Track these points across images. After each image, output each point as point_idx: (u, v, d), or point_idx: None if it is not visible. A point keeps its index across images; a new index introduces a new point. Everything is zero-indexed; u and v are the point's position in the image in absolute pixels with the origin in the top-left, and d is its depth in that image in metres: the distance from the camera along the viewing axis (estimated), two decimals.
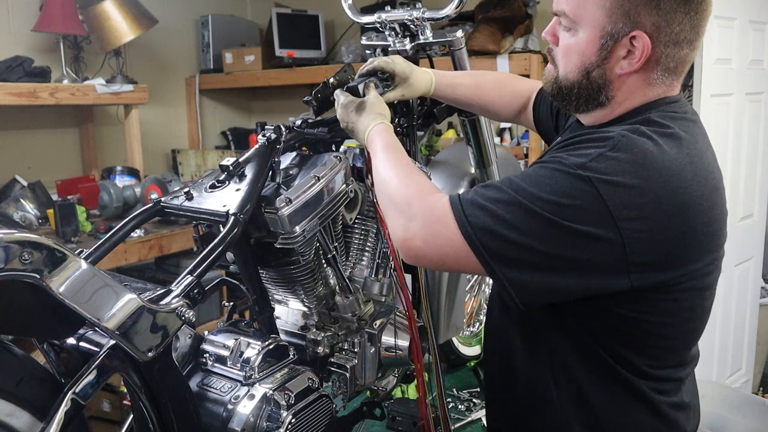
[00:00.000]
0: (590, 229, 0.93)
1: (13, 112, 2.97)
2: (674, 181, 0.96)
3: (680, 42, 1.02)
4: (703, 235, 0.99)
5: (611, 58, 1.03)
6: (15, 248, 0.93)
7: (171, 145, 3.85)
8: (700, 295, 1.06)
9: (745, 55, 2.38)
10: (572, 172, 0.94)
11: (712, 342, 2.44)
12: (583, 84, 1.07)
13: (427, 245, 1.03)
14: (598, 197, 0.93)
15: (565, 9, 1.05)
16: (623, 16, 1.00)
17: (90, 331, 1.15)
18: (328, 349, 1.51)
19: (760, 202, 2.58)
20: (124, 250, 2.67)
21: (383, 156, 1.21)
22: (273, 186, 1.40)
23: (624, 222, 0.93)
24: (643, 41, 1.00)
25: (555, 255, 0.95)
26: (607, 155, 0.95)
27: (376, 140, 1.26)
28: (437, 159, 2.26)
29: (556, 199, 0.94)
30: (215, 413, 1.26)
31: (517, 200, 0.96)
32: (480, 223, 0.97)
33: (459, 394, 2.29)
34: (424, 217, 1.04)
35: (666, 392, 1.11)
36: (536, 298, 1.01)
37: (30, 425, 1.06)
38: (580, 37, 1.05)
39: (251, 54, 3.69)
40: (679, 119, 1.04)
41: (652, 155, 0.96)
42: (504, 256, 0.97)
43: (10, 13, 3.00)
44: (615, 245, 0.93)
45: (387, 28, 1.64)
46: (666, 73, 1.04)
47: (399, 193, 1.11)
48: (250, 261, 1.42)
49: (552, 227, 0.94)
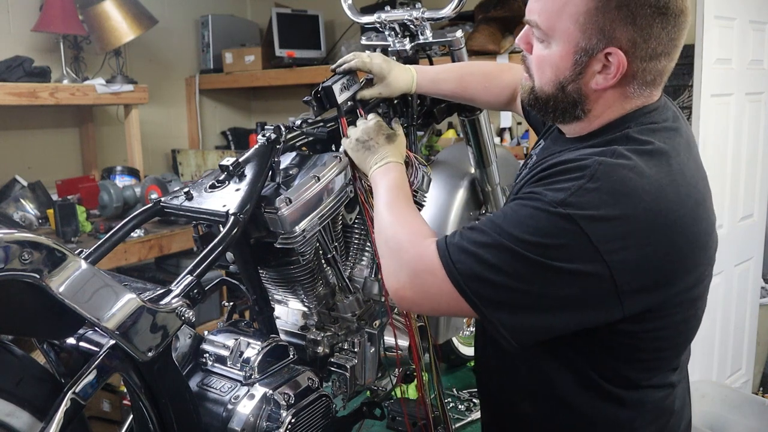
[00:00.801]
0: (577, 266, 0.92)
1: (13, 112, 2.97)
2: (655, 204, 0.94)
3: (657, 56, 0.98)
4: (689, 252, 0.99)
5: (586, 73, 1.00)
6: (15, 248, 0.93)
7: (171, 145, 3.85)
8: (692, 306, 1.05)
9: (745, 55, 2.38)
10: (552, 210, 0.92)
11: (712, 342, 2.44)
12: (559, 98, 1.04)
13: (417, 295, 1.04)
14: (581, 234, 0.91)
15: (538, 21, 1.02)
16: (598, 32, 0.96)
17: (90, 331, 1.15)
18: (328, 349, 1.51)
19: (760, 202, 2.58)
20: (124, 250, 2.67)
21: (386, 196, 1.22)
22: (273, 186, 1.40)
23: (610, 255, 0.91)
24: (618, 57, 0.96)
25: (545, 295, 0.94)
26: (586, 187, 0.93)
27: (384, 177, 1.27)
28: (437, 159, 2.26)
29: (540, 240, 0.92)
30: (215, 413, 1.26)
31: (502, 244, 0.94)
32: (467, 270, 0.96)
33: (459, 394, 2.29)
34: (412, 267, 1.04)
35: (658, 399, 1.10)
36: (531, 337, 1.00)
37: (30, 425, 1.06)
38: (553, 50, 1.01)
39: (251, 54, 3.69)
40: (659, 131, 1.02)
41: (631, 181, 0.94)
42: (494, 300, 0.96)
43: (10, 13, 3.00)
44: (604, 278, 0.92)
45: (387, 28, 1.64)
46: (644, 86, 1.02)
47: (393, 239, 1.11)
48: (250, 261, 1.42)
49: (539, 268, 0.92)
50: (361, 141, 1.36)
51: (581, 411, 1.10)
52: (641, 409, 1.08)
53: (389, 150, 1.33)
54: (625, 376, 1.06)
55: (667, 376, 1.10)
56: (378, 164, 1.31)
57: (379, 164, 1.31)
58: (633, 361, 1.06)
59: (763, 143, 2.54)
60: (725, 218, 2.39)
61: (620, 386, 1.07)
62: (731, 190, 2.39)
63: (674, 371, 1.12)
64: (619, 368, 1.06)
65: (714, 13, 2.17)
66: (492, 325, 0.97)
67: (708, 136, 2.22)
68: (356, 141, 1.37)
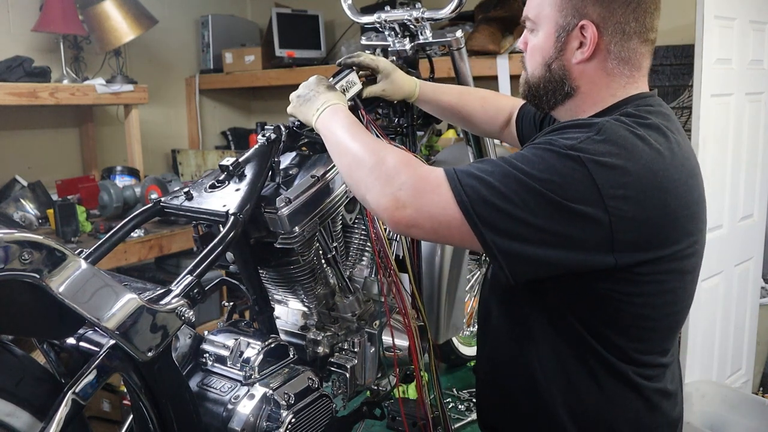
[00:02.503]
0: (580, 207, 0.97)
1: (13, 112, 2.97)
2: (653, 164, 1.01)
3: (627, 33, 1.10)
4: (682, 218, 1.05)
5: (566, 50, 1.12)
6: (15, 248, 0.94)
7: (171, 145, 3.85)
8: (681, 279, 1.10)
9: (745, 55, 2.38)
10: (563, 152, 0.99)
11: (712, 342, 2.44)
12: (547, 77, 1.16)
13: (419, 213, 1.04)
14: (588, 175, 0.97)
15: (529, 14, 1.17)
16: (572, 10, 1.10)
17: (90, 331, 1.15)
18: (328, 349, 1.51)
19: (760, 202, 2.57)
20: (124, 250, 2.67)
21: (348, 131, 1.20)
22: (273, 186, 1.40)
23: (611, 201, 0.97)
24: (591, 30, 1.09)
25: (545, 229, 0.98)
26: (594, 138, 1.01)
27: (334, 118, 1.26)
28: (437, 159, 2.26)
29: (549, 177, 0.98)
30: (215, 413, 1.26)
31: (513, 174, 1.00)
32: (475, 193, 1.00)
33: (459, 394, 2.29)
34: (416, 186, 1.05)
35: (650, 378, 1.13)
36: (525, 269, 1.03)
37: (30, 425, 1.06)
38: (540, 36, 1.16)
39: (251, 54, 3.69)
40: (656, 113, 1.10)
41: (633, 140, 1.02)
42: (497, 226, 0.99)
43: (10, 13, 3.00)
44: (602, 224, 0.98)
45: (387, 28, 1.64)
46: (621, 63, 1.12)
47: (384, 163, 1.10)
48: (250, 261, 1.42)
49: (545, 202, 0.98)
50: (302, 96, 1.35)
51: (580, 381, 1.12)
52: (634, 383, 1.12)
53: (330, 95, 1.31)
54: (616, 344, 1.10)
55: (657, 357, 1.14)
56: (320, 109, 1.28)
57: (322, 108, 1.28)
58: (624, 328, 1.10)
59: (763, 143, 2.54)
60: (725, 218, 2.39)
61: (613, 355, 1.10)
62: (731, 190, 2.39)
63: (664, 354, 1.15)
64: (611, 335, 1.10)
65: (714, 13, 2.17)
66: (490, 251, 1.01)
67: (708, 136, 2.22)
68: (297, 98, 1.36)
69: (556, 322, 1.13)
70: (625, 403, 1.13)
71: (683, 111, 2.94)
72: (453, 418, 2.14)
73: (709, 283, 2.35)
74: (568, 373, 1.13)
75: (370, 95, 1.50)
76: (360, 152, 1.15)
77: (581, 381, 1.13)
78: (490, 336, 1.29)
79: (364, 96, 1.48)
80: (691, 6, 2.18)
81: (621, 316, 1.08)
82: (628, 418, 1.13)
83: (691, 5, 2.18)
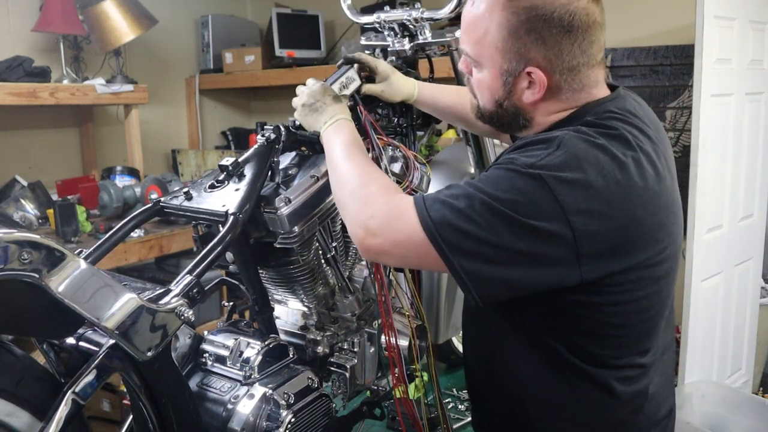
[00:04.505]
0: (544, 225, 0.97)
1: (13, 112, 2.97)
2: (615, 173, 1.00)
3: (576, 67, 1.07)
4: (649, 225, 1.03)
5: (516, 91, 1.11)
6: (14, 248, 0.94)
7: (171, 145, 3.85)
8: (653, 286, 1.09)
9: (745, 55, 2.38)
10: (524, 171, 1.00)
11: (712, 342, 2.44)
12: (500, 113, 1.15)
13: (386, 242, 1.07)
14: (549, 192, 0.97)
15: (467, 50, 1.14)
16: (516, 55, 1.07)
17: (89, 331, 1.15)
18: (327, 349, 1.51)
19: (760, 202, 2.57)
20: (124, 250, 2.66)
21: (346, 151, 1.23)
22: (272, 186, 1.40)
23: (574, 216, 0.97)
24: (538, 75, 1.07)
25: (511, 248, 0.99)
26: (554, 154, 1.00)
27: (338, 134, 1.28)
28: (437, 159, 2.27)
29: (512, 197, 0.98)
30: (215, 413, 1.26)
31: (478, 196, 1.00)
32: (440, 218, 1.01)
33: (459, 394, 2.30)
34: (385, 214, 1.07)
35: (630, 380, 1.13)
36: (492, 291, 1.03)
37: (30, 425, 1.06)
38: (484, 74, 1.13)
39: (251, 54, 3.69)
40: (618, 117, 1.08)
41: (593, 152, 1.01)
42: (462, 248, 1.00)
43: (10, 13, 3.00)
44: (566, 239, 0.98)
45: (386, 28, 1.64)
46: (576, 92, 1.10)
47: (362, 190, 1.13)
48: (250, 261, 1.42)
49: (508, 222, 0.98)
50: (308, 105, 1.37)
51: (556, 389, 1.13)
52: (611, 388, 1.11)
53: (338, 108, 1.34)
54: (590, 352, 1.10)
55: (635, 357, 1.13)
56: (328, 123, 1.32)
57: (330, 122, 1.32)
58: (597, 336, 1.09)
59: (763, 143, 2.53)
60: (725, 218, 2.38)
61: (589, 363, 1.10)
62: (731, 190, 2.38)
63: (644, 354, 1.14)
64: (585, 344, 1.09)
65: (714, 13, 2.17)
66: (457, 274, 1.01)
67: (708, 136, 2.22)
68: (302, 106, 1.38)
69: (529, 334, 1.13)
70: (605, 410, 1.12)
71: (683, 111, 2.94)
72: (453, 418, 2.14)
73: (709, 283, 2.34)
74: (546, 385, 1.13)
75: (369, 93, 1.51)
76: (348, 174, 1.18)
77: (559, 392, 1.13)
78: (470, 343, 1.31)
79: (363, 93, 1.49)
80: (691, 6, 2.18)
81: (593, 325, 1.08)
82: (610, 422, 1.13)
83: (691, 5, 2.18)
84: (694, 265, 2.23)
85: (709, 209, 2.26)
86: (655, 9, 2.96)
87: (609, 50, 2.98)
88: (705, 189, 2.22)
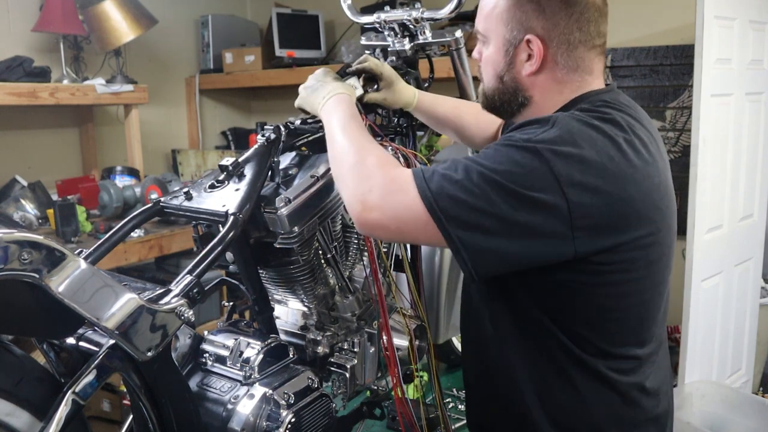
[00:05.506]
0: (540, 195, 1.00)
1: (13, 112, 2.97)
2: (608, 150, 1.04)
3: (573, 43, 1.13)
4: (642, 203, 1.06)
5: (516, 62, 1.17)
6: (14, 248, 0.94)
7: (171, 145, 3.85)
8: (646, 269, 1.10)
9: (745, 55, 2.38)
10: (521, 145, 1.03)
11: (712, 342, 2.44)
12: (500, 89, 1.20)
13: (384, 215, 1.07)
14: (545, 164, 1.00)
15: (479, 28, 1.22)
16: (517, 24, 1.14)
17: (89, 331, 1.15)
18: (327, 349, 1.51)
19: (760, 202, 2.57)
20: (124, 250, 2.67)
21: (343, 125, 1.24)
22: (272, 186, 1.41)
23: (568, 188, 1.00)
24: (536, 43, 1.13)
25: (507, 219, 1.01)
26: (549, 131, 1.04)
27: (336, 109, 1.29)
28: (437, 159, 2.26)
29: (509, 168, 1.01)
30: (215, 413, 1.26)
31: (475, 168, 1.03)
32: (440, 188, 1.03)
33: (459, 394, 2.30)
34: (385, 187, 1.08)
35: (625, 371, 1.14)
36: (488, 263, 1.04)
37: (30, 425, 1.06)
38: (490, 49, 1.20)
39: (251, 54, 3.69)
40: (612, 105, 1.12)
41: (587, 130, 1.05)
42: (459, 219, 1.02)
43: (10, 13, 3.00)
44: (561, 210, 1.00)
45: (386, 28, 1.64)
46: (571, 71, 1.15)
47: (361, 164, 1.13)
48: (250, 261, 1.42)
49: (505, 193, 1.00)
50: (309, 87, 1.39)
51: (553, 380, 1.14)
52: (606, 378, 1.12)
53: (337, 85, 1.36)
54: (585, 338, 1.11)
55: (630, 348, 1.14)
56: (326, 97, 1.33)
57: (327, 97, 1.33)
58: (592, 322, 1.11)
59: (763, 143, 2.53)
60: (725, 218, 2.38)
61: (584, 351, 1.11)
62: (731, 190, 2.39)
63: (640, 345, 1.15)
64: (580, 330, 1.11)
65: (714, 13, 2.17)
66: (454, 245, 1.03)
67: (708, 136, 2.22)
68: (304, 89, 1.40)
69: (524, 320, 1.15)
70: (600, 399, 1.13)
71: (683, 111, 2.94)
72: (453, 418, 2.14)
73: (709, 283, 2.34)
74: (542, 373, 1.15)
75: (371, 102, 1.52)
76: (346, 148, 1.19)
77: (555, 380, 1.14)
78: (467, 336, 1.32)
79: (365, 102, 1.49)
80: (691, 6, 2.18)
81: (586, 307, 1.10)
82: (606, 414, 1.14)
83: (691, 5, 2.18)
84: (694, 265, 2.23)
85: (708, 209, 2.26)
86: (655, 9, 2.96)
87: (609, 50, 2.98)
88: (705, 189, 2.22)
